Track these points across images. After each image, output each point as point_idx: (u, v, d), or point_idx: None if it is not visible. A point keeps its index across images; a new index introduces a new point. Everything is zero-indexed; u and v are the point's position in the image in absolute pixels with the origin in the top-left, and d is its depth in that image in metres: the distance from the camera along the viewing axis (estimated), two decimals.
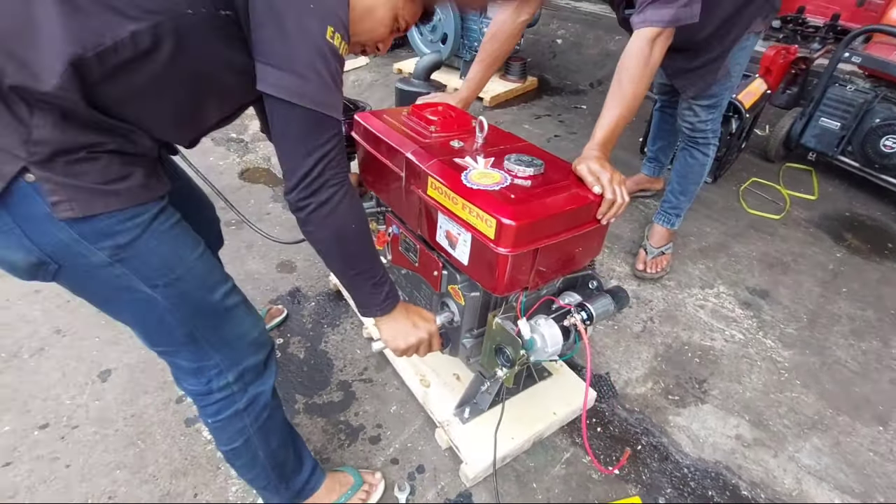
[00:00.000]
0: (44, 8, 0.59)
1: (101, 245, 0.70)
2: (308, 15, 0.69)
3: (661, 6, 1.12)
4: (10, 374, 1.48)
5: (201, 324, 0.84)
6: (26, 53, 0.60)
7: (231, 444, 0.96)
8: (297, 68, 0.70)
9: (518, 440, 1.33)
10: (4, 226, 0.66)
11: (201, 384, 0.89)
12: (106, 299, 0.80)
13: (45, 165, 0.64)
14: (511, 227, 0.93)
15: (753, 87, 2.33)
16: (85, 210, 0.66)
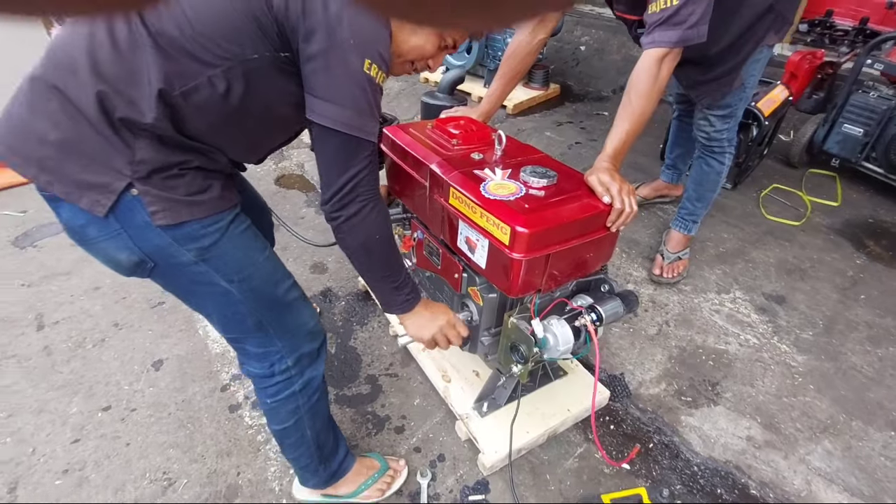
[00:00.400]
0: (144, 57, 0.74)
1: (189, 247, 0.84)
2: (349, 51, 0.80)
3: (667, 28, 1.20)
4: (77, 361, 1.65)
5: (268, 314, 0.96)
6: (132, 92, 0.75)
7: (284, 423, 1.07)
8: (338, 99, 0.82)
9: (533, 434, 1.42)
10: (114, 231, 0.80)
11: (264, 368, 1.01)
12: (190, 292, 0.93)
13: (145, 181, 0.78)
14: (524, 235, 1.03)
15: (774, 94, 2.35)
16: (176, 218, 0.81)
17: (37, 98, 0.77)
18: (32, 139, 0.76)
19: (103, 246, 0.83)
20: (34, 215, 2.41)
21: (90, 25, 0.75)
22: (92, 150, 0.76)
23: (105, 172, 0.77)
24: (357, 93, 0.83)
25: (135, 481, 1.32)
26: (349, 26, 0.78)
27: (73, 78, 0.74)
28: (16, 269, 2.06)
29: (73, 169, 0.76)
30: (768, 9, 1.49)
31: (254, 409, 1.52)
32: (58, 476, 1.33)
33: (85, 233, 0.82)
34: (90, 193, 0.77)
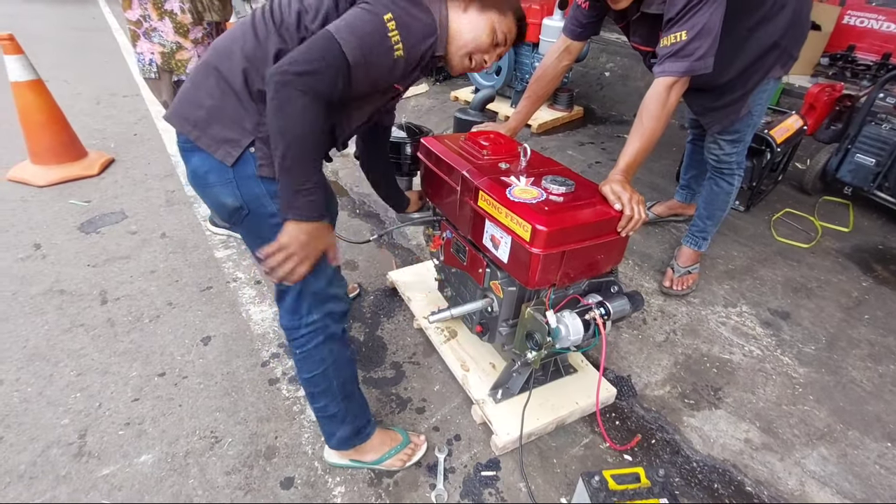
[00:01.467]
0: (272, 41, 1.00)
1: (276, 200, 1.04)
2: (382, 4, 0.98)
3: (677, 60, 1.35)
4: (136, 333, 1.85)
5: (312, 276, 1.12)
6: (265, 69, 0.96)
7: (313, 371, 1.24)
8: (347, 17, 0.97)
9: (542, 421, 1.54)
10: (227, 179, 1.03)
11: (294, 319, 1.19)
12: (265, 240, 1.04)
13: (262, 140, 1.01)
14: (543, 232, 1.18)
15: (788, 123, 2.47)
16: (269, 172, 1.02)
17: (200, 76, 1.04)
18: (193, 105, 1.03)
19: (216, 191, 1.06)
20: (97, 205, 2.67)
21: (243, 24, 1.04)
22: (233, 113, 1.00)
23: (238, 131, 1.00)
24: (365, 25, 0.96)
25: (186, 437, 1.49)
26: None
27: (228, 61, 1.01)
28: (82, 251, 2.29)
29: (216, 128, 1.01)
30: (774, 45, 1.63)
31: (290, 384, 1.68)
32: (120, 427, 1.51)
33: (206, 178, 1.05)
34: (225, 146, 1.01)
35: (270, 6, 1.05)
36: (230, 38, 1.05)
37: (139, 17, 1.91)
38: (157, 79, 2.02)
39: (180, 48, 1.96)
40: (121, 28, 6.72)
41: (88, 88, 4.43)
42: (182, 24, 1.93)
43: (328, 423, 1.34)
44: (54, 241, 2.35)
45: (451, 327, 1.86)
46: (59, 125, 2.92)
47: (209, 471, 1.40)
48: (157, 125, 3.69)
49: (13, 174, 2.88)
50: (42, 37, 6.12)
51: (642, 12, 1.47)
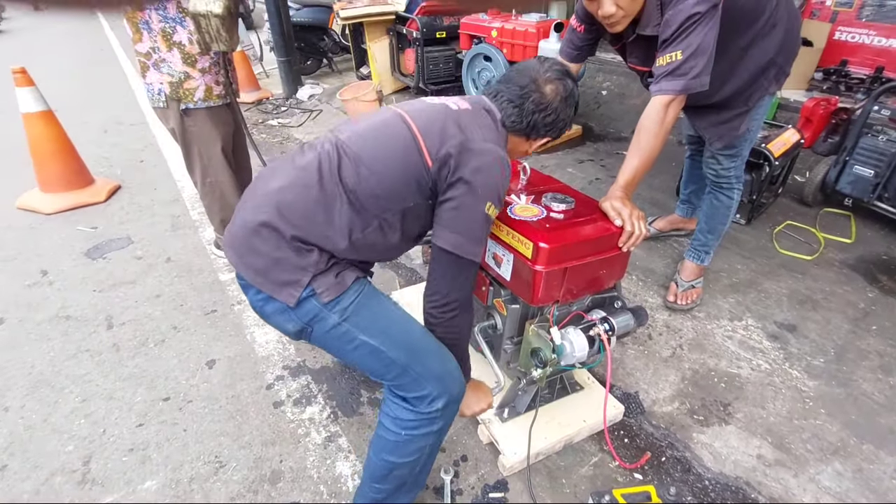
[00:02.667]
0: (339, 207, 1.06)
1: (334, 311, 1.05)
2: (478, 198, 1.06)
3: (673, 78, 1.38)
4: (140, 357, 1.86)
5: (411, 358, 1.09)
6: (328, 231, 1.05)
7: (405, 458, 1.13)
8: (460, 230, 1.06)
9: (550, 440, 1.52)
10: (281, 308, 1.06)
11: (414, 410, 1.11)
12: (342, 350, 1.11)
13: (320, 273, 1.04)
14: (545, 249, 1.19)
15: (785, 137, 2.49)
16: (332, 296, 1.05)
17: (255, 227, 1.05)
18: (250, 254, 1.05)
19: (275, 319, 1.09)
20: (104, 231, 2.70)
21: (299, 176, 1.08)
22: (291, 260, 1.03)
23: (297, 273, 1.03)
24: (475, 227, 1.07)
25: (191, 462, 1.47)
26: (482, 177, 1.05)
27: (283, 220, 1.04)
28: (88, 276, 2.32)
29: (276, 273, 1.04)
30: (769, 62, 1.67)
31: (295, 406, 1.68)
32: (124, 454, 1.50)
33: (263, 309, 1.09)
34: (287, 289, 1.03)
35: (331, 163, 1.07)
36: (273, 186, 1.07)
37: (149, 49, 1.97)
38: (165, 108, 2.07)
39: (188, 77, 2.02)
40: (127, 58, 6.90)
41: (95, 117, 4.53)
42: (190, 54, 1.99)
43: (365, 492, 1.22)
44: (61, 268, 2.38)
45: None
46: (68, 154, 2.98)
47: (214, 497, 1.39)
48: (163, 152, 3.75)
49: (22, 202, 2.93)
50: (50, 68, 6.29)
51: (638, 34, 1.51)
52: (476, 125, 1.12)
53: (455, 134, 1.07)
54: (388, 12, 4.60)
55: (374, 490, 1.20)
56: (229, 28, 1.91)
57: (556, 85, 1.19)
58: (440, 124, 1.09)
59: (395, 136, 1.09)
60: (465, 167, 1.04)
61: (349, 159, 1.06)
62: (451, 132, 1.07)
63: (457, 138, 1.06)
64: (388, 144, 1.08)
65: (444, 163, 1.05)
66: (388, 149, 1.08)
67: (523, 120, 1.20)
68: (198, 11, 1.80)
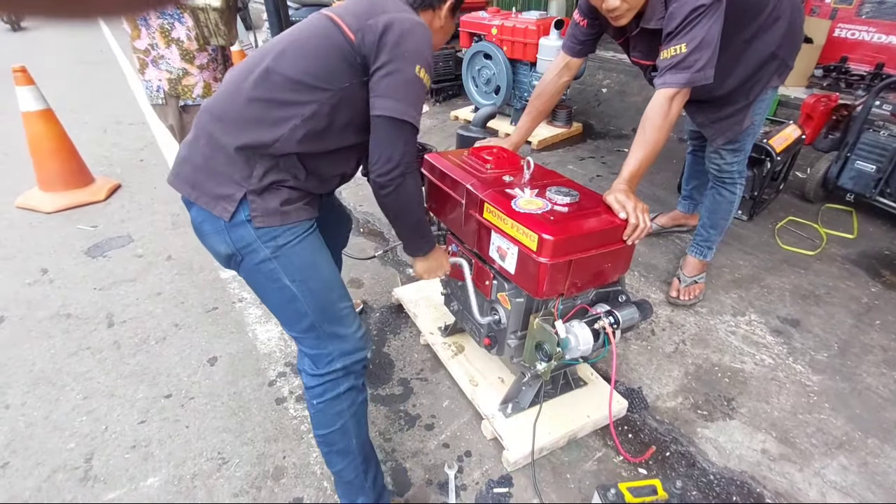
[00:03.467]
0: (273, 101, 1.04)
1: (268, 244, 1.05)
2: (406, 61, 1.06)
3: (677, 71, 1.38)
4: (142, 355, 1.85)
5: (321, 318, 1.12)
6: (263, 126, 1.03)
7: (330, 426, 1.17)
8: (395, 94, 1.06)
9: (554, 435, 1.52)
10: (219, 228, 1.04)
11: (315, 368, 1.15)
12: (262, 286, 1.12)
13: (254, 192, 1.02)
14: (549, 241, 1.18)
15: (786, 133, 2.49)
16: (267, 223, 1.03)
17: (194, 140, 1.08)
18: (188, 167, 1.07)
19: (211, 240, 1.08)
20: (104, 229, 2.69)
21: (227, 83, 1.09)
22: (225, 170, 1.03)
23: (231, 186, 1.02)
24: (409, 91, 1.07)
25: (193, 459, 1.47)
26: (406, 41, 1.06)
27: (219, 122, 1.05)
28: (89, 275, 2.31)
29: (211, 185, 1.03)
30: (772, 55, 1.66)
31: (297, 403, 1.67)
32: (127, 451, 1.49)
33: (202, 228, 1.08)
34: (222, 202, 1.03)
35: (250, 67, 1.08)
36: (214, 100, 1.09)
37: (147, 45, 1.96)
38: (164, 104, 2.06)
39: (186, 74, 2.01)
40: (126, 58, 6.89)
41: (95, 117, 4.52)
42: (188, 50, 1.98)
43: (348, 491, 1.25)
44: (61, 266, 2.37)
45: (459, 342, 1.85)
46: (68, 153, 2.97)
47: (217, 493, 1.38)
48: (163, 151, 3.74)
49: (22, 201, 2.92)
50: (52, 68, 6.28)
51: (642, 28, 1.50)
52: (393, 3, 1.13)
53: (371, 9, 1.09)
54: None
55: (336, 477, 1.25)
56: (228, 21, 1.90)
57: None
58: (354, 6, 1.11)
59: (313, 24, 1.12)
60: (389, 33, 1.06)
61: (274, 53, 1.07)
62: (366, 9, 1.09)
63: (375, 12, 1.08)
64: (309, 30, 1.10)
65: (366, 34, 1.06)
66: (309, 33, 1.10)
67: None
68: (196, 5, 1.79)
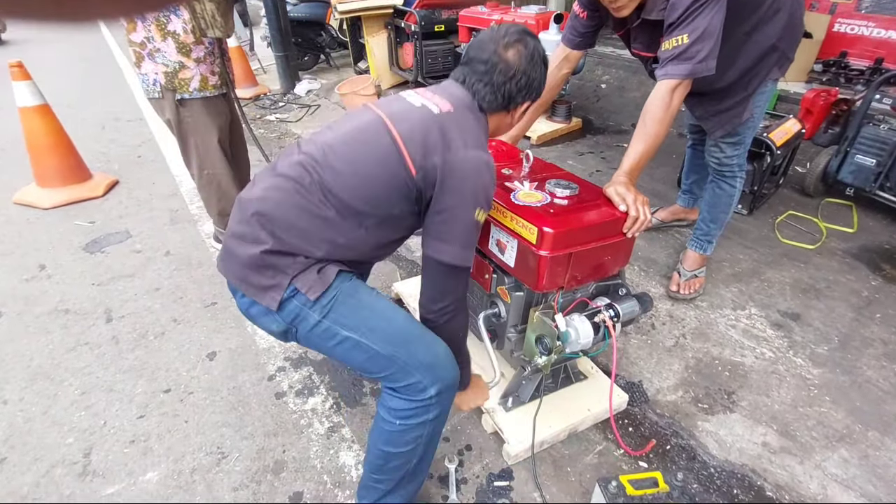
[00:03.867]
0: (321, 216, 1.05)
1: (314, 309, 1.04)
2: (467, 206, 1.05)
3: (679, 62, 1.37)
4: (141, 350, 1.84)
5: (396, 349, 1.07)
6: (308, 238, 1.05)
7: (402, 447, 1.11)
8: (451, 240, 1.07)
9: (555, 429, 1.51)
10: (268, 310, 1.05)
11: (406, 402, 1.09)
12: (326, 348, 1.09)
13: (303, 272, 1.04)
14: (549, 234, 1.18)
15: (786, 127, 2.48)
16: (316, 294, 1.03)
17: (239, 235, 1.07)
18: (235, 262, 1.06)
19: (261, 321, 1.09)
20: (102, 225, 2.68)
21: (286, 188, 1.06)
22: (271, 268, 1.03)
23: (278, 276, 1.03)
24: (466, 235, 1.07)
25: (193, 453, 1.46)
26: (468, 185, 1.05)
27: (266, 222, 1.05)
28: (87, 270, 2.29)
29: (257, 278, 1.04)
30: (772, 47, 1.66)
31: (297, 397, 1.66)
32: (125, 445, 1.48)
33: (249, 312, 1.10)
34: (270, 293, 1.03)
35: (300, 173, 1.06)
36: (268, 198, 1.06)
37: (143, 38, 1.95)
38: (160, 98, 2.04)
39: (183, 67, 1.99)
40: (123, 54, 6.86)
41: (92, 113, 4.50)
42: (185, 44, 1.97)
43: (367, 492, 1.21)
44: (59, 262, 2.35)
45: None
46: (65, 148, 2.95)
47: (216, 487, 1.37)
48: (161, 148, 3.73)
49: (19, 197, 2.90)
50: (48, 64, 6.25)
51: (643, 19, 1.49)
52: (458, 129, 1.09)
53: (438, 142, 1.05)
54: (386, 6, 4.57)
55: (373, 481, 1.18)
56: (224, 13, 1.89)
57: (517, 48, 1.15)
58: (422, 132, 1.06)
59: (375, 142, 1.07)
60: (451, 177, 1.04)
61: (330, 164, 1.05)
62: (434, 140, 1.05)
63: (440, 147, 1.05)
64: (369, 151, 1.06)
65: (428, 172, 1.04)
66: (368, 155, 1.06)
67: (497, 95, 1.16)
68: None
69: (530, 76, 1.17)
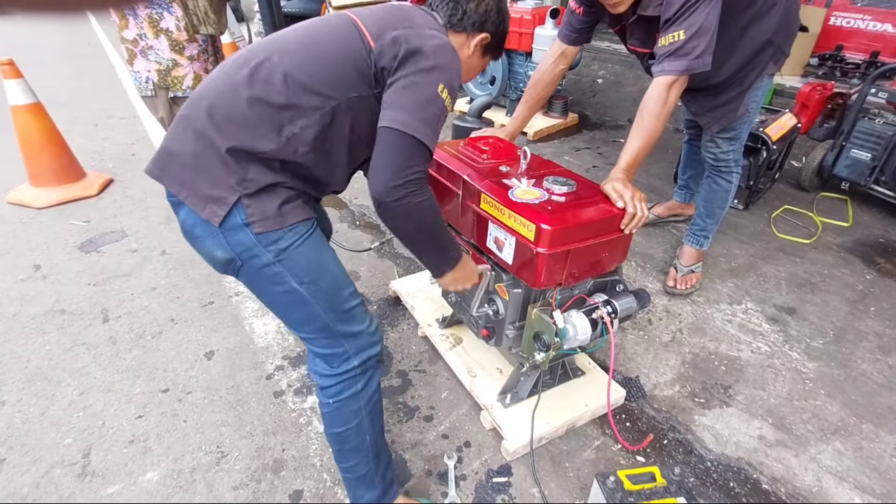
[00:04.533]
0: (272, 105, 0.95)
1: (270, 248, 0.97)
2: (429, 75, 0.99)
3: (675, 59, 1.37)
4: (138, 350, 1.83)
5: (334, 317, 1.05)
6: (260, 130, 0.95)
7: (346, 424, 1.12)
8: (409, 107, 0.97)
9: (553, 425, 1.52)
10: (213, 232, 0.96)
11: (329, 368, 1.10)
12: (267, 292, 1.04)
13: (249, 195, 0.95)
14: (547, 231, 1.18)
15: (782, 122, 2.49)
16: (267, 227, 0.96)
17: (180, 132, 0.97)
18: (176, 164, 0.97)
19: (205, 244, 0.99)
20: (97, 224, 2.66)
21: (218, 77, 0.98)
22: (216, 171, 0.94)
23: (224, 189, 0.94)
24: (428, 108, 0.98)
25: (192, 452, 1.46)
26: (431, 57, 0.99)
27: (207, 117, 0.95)
28: (83, 270, 2.28)
29: (201, 185, 0.95)
30: (767, 42, 1.66)
31: (296, 396, 1.66)
32: (125, 445, 1.48)
33: (193, 231, 0.99)
34: (211, 205, 0.94)
35: (249, 59, 0.98)
36: (205, 92, 0.99)
37: (136, 35, 1.93)
38: (153, 96, 2.03)
39: (176, 65, 1.98)
40: (115, 51, 6.79)
41: (85, 112, 4.46)
42: (178, 41, 1.95)
43: (356, 485, 1.21)
44: (54, 262, 2.34)
45: (457, 334, 1.85)
46: (58, 147, 2.93)
47: (216, 486, 1.38)
48: (155, 146, 3.70)
49: (12, 197, 2.88)
50: (40, 62, 6.18)
51: (639, 15, 1.49)
52: (421, 18, 1.08)
53: (397, 21, 1.02)
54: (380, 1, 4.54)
55: (345, 472, 1.21)
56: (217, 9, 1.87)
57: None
58: (382, 12, 1.04)
59: (331, 21, 1.03)
60: (411, 46, 0.98)
61: (282, 50, 0.99)
62: (394, 19, 1.03)
63: (399, 24, 1.02)
64: (323, 28, 1.02)
65: (390, 45, 0.99)
66: (323, 32, 1.02)
67: (458, 11, 1.14)
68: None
69: (489, 4, 1.17)
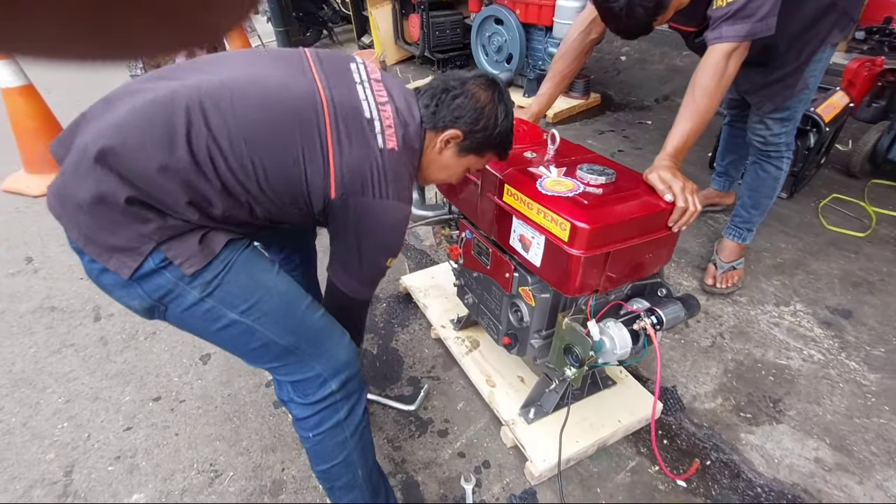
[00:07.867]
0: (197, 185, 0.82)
1: (194, 285, 0.83)
2: (379, 253, 1.01)
3: (735, 22, 1.16)
4: (130, 352, 1.70)
5: (297, 338, 0.91)
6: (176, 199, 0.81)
7: (332, 460, 0.99)
8: (356, 275, 1.03)
9: (583, 444, 1.36)
10: (125, 283, 0.81)
11: (305, 396, 0.95)
12: (203, 330, 0.90)
13: (168, 241, 0.80)
14: (585, 230, 1.00)
15: (834, 100, 2.25)
16: (196, 265, 0.81)
17: (73, 166, 0.79)
18: (72, 204, 0.78)
19: (117, 294, 0.85)
20: None
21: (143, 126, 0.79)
22: (121, 219, 0.78)
23: (133, 239, 0.78)
24: (371, 274, 1.06)
25: (183, 471, 1.33)
26: (386, 235, 0.99)
27: (116, 160, 0.79)
28: (75, 264, 2.14)
29: (103, 235, 0.78)
30: (831, 5, 1.43)
31: None
32: (110, 462, 1.35)
33: (100, 280, 0.84)
34: (118, 256, 0.78)
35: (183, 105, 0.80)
36: (114, 125, 0.79)
37: None
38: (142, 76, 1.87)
39: None
40: None
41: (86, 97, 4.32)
42: None
43: None
44: (47, 254, 2.22)
45: (473, 336, 1.68)
46: (54, 131, 2.79)
47: None
48: None
49: (8, 184, 2.76)
50: None
51: None
52: (393, 174, 0.93)
53: (367, 179, 0.90)
54: None
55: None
56: None
57: (488, 90, 1.01)
58: (359, 160, 0.89)
59: (298, 122, 0.86)
60: (368, 220, 0.94)
61: (223, 123, 0.81)
62: (365, 175, 0.90)
63: (368, 186, 0.91)
64: (289, 136, 0.85)
65: (347, 201, 0.90)
66: (287, 141, 0.85)
67: (431, 106, 1.00)
68: None
69: (467, 103, 0.99)
